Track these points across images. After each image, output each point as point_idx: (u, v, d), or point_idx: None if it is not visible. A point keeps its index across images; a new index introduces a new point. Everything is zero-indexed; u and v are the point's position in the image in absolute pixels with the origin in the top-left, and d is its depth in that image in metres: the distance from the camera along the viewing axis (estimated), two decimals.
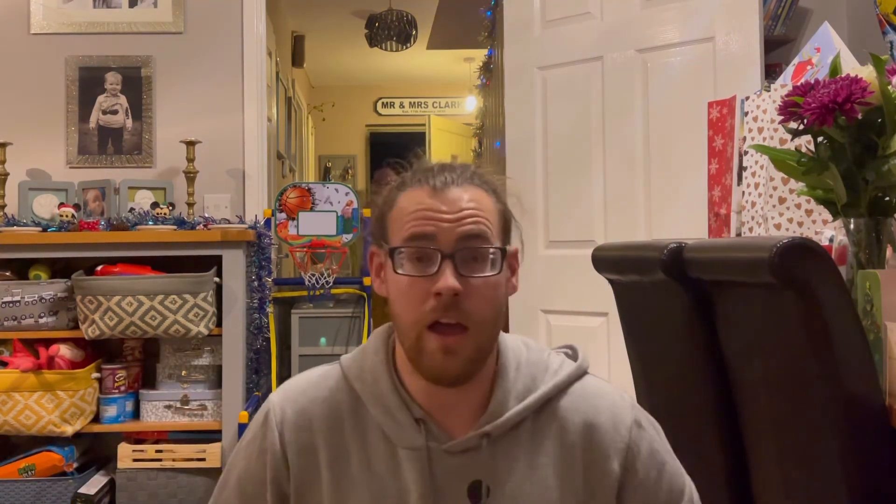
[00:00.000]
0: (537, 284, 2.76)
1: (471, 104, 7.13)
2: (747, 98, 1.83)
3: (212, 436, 2.77)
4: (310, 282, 3.15)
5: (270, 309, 3.05)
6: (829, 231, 1.57)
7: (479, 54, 5.28)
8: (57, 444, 2.72)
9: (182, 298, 2.70)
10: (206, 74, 3.17)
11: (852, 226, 1.27)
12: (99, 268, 2.78)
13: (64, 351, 2.72)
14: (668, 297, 1.40)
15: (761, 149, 1.56)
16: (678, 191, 2.48)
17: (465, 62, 7.14)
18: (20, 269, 2.82)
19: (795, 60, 1.92)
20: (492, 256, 0.99)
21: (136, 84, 3.15)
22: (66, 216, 2.80)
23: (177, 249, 2.77)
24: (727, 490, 1.34)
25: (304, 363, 3.15)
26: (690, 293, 1.35)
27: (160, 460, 2.72)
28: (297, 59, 6.58)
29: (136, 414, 2.84)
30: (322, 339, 3.22)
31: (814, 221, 1.67)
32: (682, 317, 1.38)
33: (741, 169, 1.83)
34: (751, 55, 2.36)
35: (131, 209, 2.91)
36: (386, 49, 6.02)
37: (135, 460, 2.72)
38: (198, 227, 2.85)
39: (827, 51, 1.82)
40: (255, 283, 2.96)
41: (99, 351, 2.89)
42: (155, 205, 2.89)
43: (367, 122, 8.81)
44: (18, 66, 3.14)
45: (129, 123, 3.15)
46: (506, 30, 3.00)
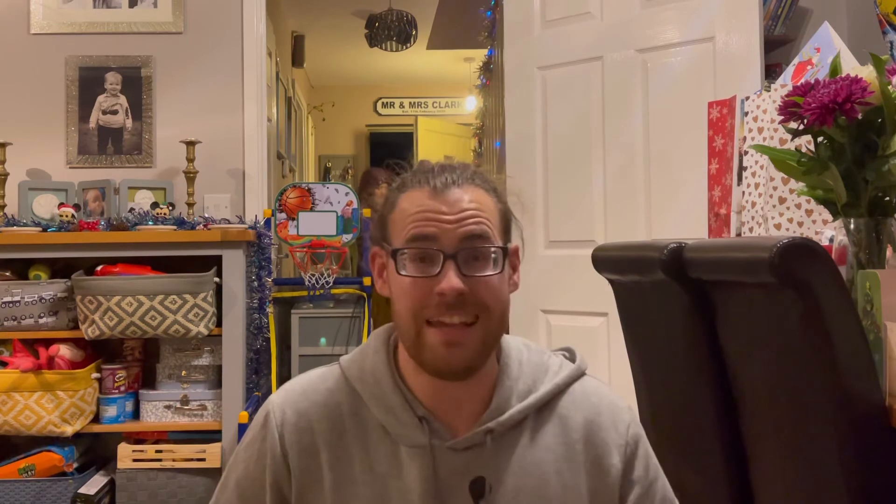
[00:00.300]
0: (537, 284, 2.75)
1: (471, 104, 7.12)
2: (747, 98, 1.83)
3: (212, 436, 2.76)
4: (310, 282, 3.15)
5: (270, 309, 3.05)
6: (829, 231, 1.57)
7: (479, 54, 5.27)
8: (57, 445, 2.72)
9: (182, 298, 2.70)
10: (206, 74, 3.16)
11: (852, 226, 1.27)
12: (99, 268, 2.78)
13: (64, 351, 2.72)
14: (668, 297, 1.40)
15: (761, 149, 1.56)
16: (678, 191, 2.48)
17: (465, 62, 7.13)
18: (20, 270, 2.82)
19: (795, 60, 1.92)
20: (493, 255, 0.99)
21: (135, 84, 3.15)
22: (66, 216, 2.80)
23: (177, 249, 2.76)
24: (727, 490, 1.35)
25: (304, 363, 3.15)
26: (690, 293, 1.35)
27: (160, 460, 2.71)
28: (297, 59, 6.57)
29: (136, 414, 2.84)
30: (322, 340, 3.22)
31: (814, 221, 1.67)
32: (682, 317, 1.38)
33: (741, 169, 1.83)
34: (751, 55, 2.36)
35: (131, 209, 2.90)
36: (386, 49, 6.02)
37: (135, 460, 2.72)
38: (198, 228, 2.85)
39: (827, 51, 1.82)
40: (255, 284, 2.96)
41: (99, 351, 2.89)
42: (155, 205, 2.89)
43: (367, 122, 8.80)
44: (18, 66, 3.14)
45: (129, 123, 3.15)
46: (506, 30, 3.00)
